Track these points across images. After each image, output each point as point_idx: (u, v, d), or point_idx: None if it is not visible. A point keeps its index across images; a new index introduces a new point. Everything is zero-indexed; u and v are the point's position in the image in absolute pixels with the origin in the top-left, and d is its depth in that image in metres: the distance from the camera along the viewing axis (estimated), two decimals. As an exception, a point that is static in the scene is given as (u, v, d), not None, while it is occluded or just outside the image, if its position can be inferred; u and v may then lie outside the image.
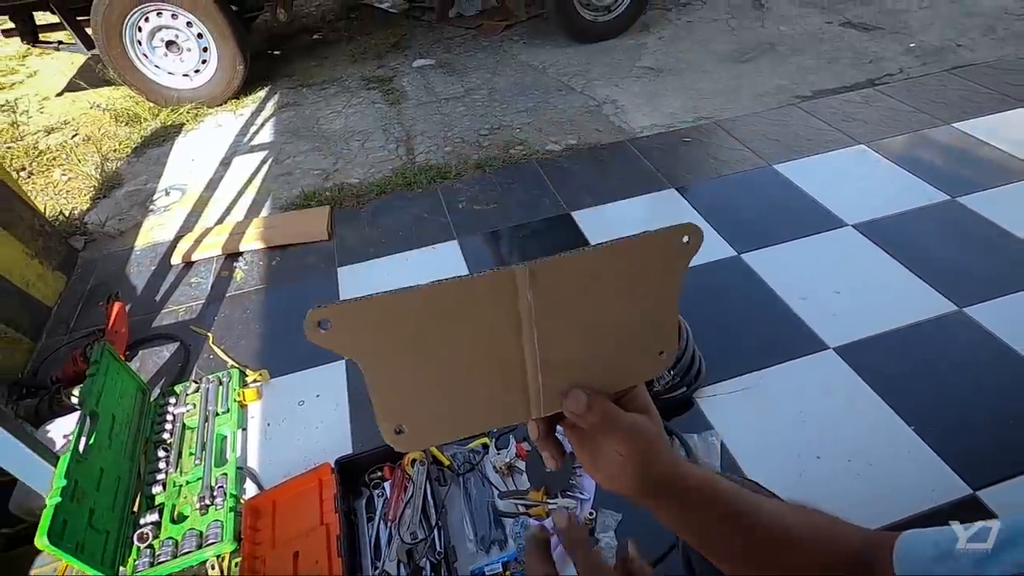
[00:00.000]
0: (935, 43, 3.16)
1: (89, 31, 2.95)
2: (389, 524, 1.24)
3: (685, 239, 0.42)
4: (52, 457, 1.18)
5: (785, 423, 1.39)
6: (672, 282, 0.44)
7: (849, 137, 2.42)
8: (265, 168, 2.65)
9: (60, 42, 3.17)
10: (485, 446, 1.39)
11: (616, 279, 0.42)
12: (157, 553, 1.22)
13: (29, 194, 2.12)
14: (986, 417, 1.36)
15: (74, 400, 1.55)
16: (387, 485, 1.30)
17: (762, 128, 2.54)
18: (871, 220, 1.96)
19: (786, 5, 3.83)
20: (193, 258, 2.08)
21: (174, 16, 2.94)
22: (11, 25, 3.06)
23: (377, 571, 1.17)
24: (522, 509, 1.25)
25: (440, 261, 1.99)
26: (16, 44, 4.17)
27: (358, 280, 1.94)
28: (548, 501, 1.25)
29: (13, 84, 3.83)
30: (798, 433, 1.36)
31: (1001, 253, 1.80)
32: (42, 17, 3.14)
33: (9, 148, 2.96)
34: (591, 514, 1.23)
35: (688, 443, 1.34)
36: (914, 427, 1.35)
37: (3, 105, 3.46)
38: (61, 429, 1.44)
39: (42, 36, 3.16)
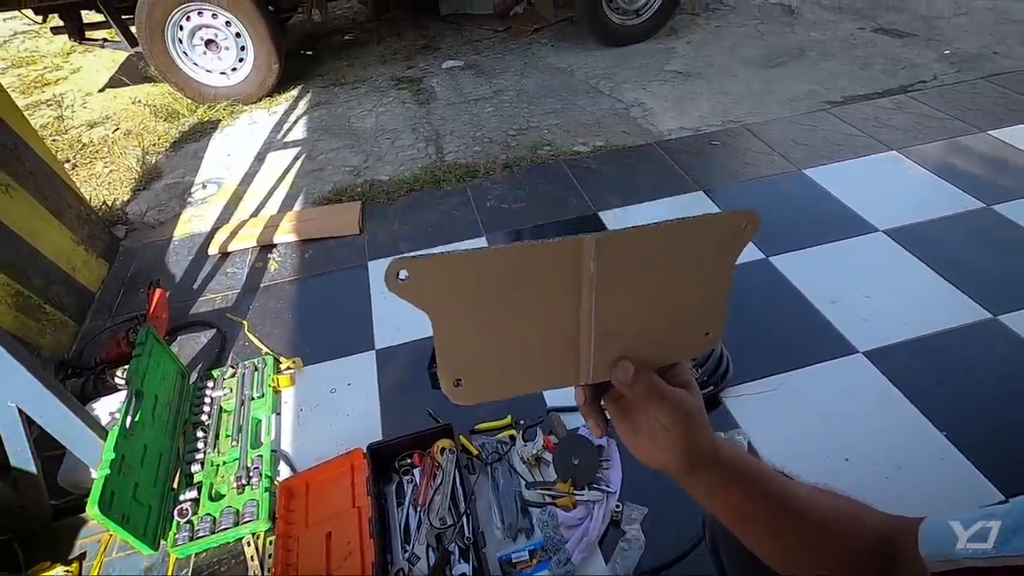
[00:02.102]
0: (971, 50, 3.11)
1: (133, 29, 3.06)
2: (419, 509, 1.26)
3: (743, 224, 0.44)
4: (102, 431, 1.23)
5: (813, 424, 1.39)
6: (726, 265, 0.46)
7: (881, 143, 2.40)
8: (298, 164, 2.72)
9: (105, 40, 3.30)
10: (513, 438, 1.41)
11: (674, 256, 0.44)
12: (196, 528, 1.27)
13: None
14: (1022, 425, 1.34)
15: (117, 380, 1.62)
16: (416, 472, 1.33)
17: (791, 133, 2.53)
18: (903, 226, 1.95)
19: (817, 11, 3.81)
20: (229, 249, 2.15)
21: (214, 16, 3.03)
22: (60, 23, 3.19)
23: (407, 554, 1.20)
24: (548, 499, 1.27)
25: (468, 257, 2.02)
26: (61, 42, 4.35)
27: (388, 274, 1.98)
28: (575, 492, 1.27)
29: (58, 80, 3.98)
30: (826, 435, 1.36)
31: (1038, 262, 1.77)
32: (88, 16, 3.26)
33: (55, 140, 3.08)
34: (617, 507, 1.24)
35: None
36: (946, 433, 1.34)
37: (49, 100, 3.60)
38: (105, 408, 1.50)
39: (88, 34, 3.29)
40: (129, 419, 1.26)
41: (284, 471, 1.42)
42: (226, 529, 1.26)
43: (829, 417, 1.41)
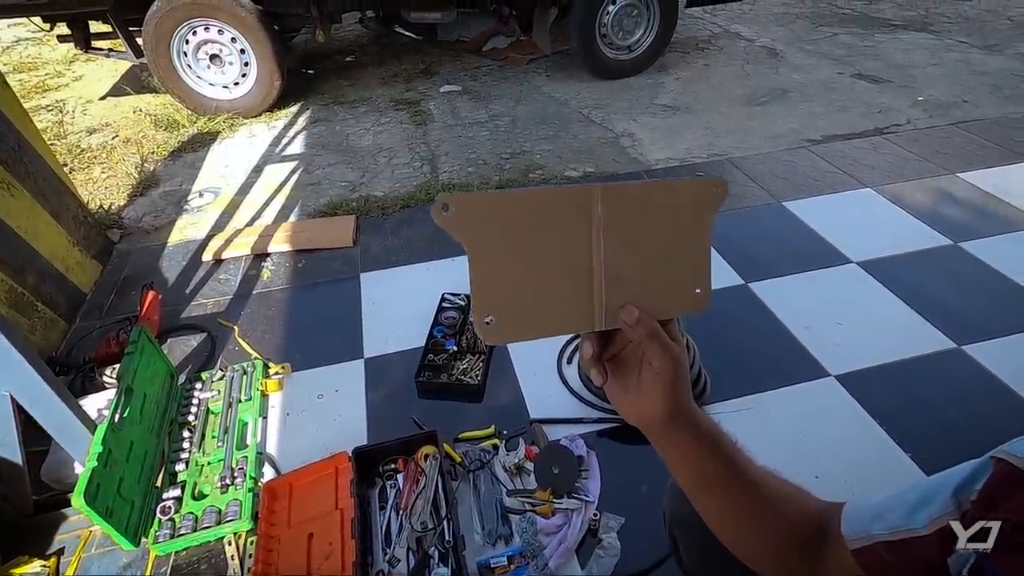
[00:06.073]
0: (943, 98, 3.29)
1: (139, 41, 3.13)
2: (400, 513, 1.29)
3: (716, 190, 0.54)
4: (91, 425, 1.24)
5: (785, 442, 1.44)
6: (704, 226, 0.54)
7: (857, 180, 2.52)
8: (295, 177, 2.77)
9: (111, 50, 3.36)
10: (495, 447, 1.45)
11: (662, 210, 0.53)
12: (178, 526, 1.28)
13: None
14: (981, 448, 1.40)
15: (106, 379, 1.63)
16: (400, 477, 1.36)
17: (772, 167, 2.65)
18: (875, 259, 2.04)
19: (800, 55, 4.00)
20: (223, 256, 2.18)
21: (220, 31, 3.12)
22: (67, 32, 3.25)
23: (387, 556, 1.22)
24: (528, 507, 1.30)
25: (458, 273, 2.07)
26: (64, 49, 4.40)
27: (380, 286, 2.02)
28: (554, 501, 1.30)
29: (59, 87, 4.02)
30: (797, 452, 1.42)
31: (999, 297, 1.87)
32: (95, 26, 3.33)
33: (52, 145, 3.10)
34: (595, 516, 1.28)
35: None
36: (910, 454, 1.40)
37: (50, 106, 3.64)
38: (92, 405, 1.50)
39: (94, 43, 3.35)
40: (118, 415, 1.28)
41: (269, 473, 1.43)
42: (208, 528, 1.27)
43: (801, 436, 1.46)
